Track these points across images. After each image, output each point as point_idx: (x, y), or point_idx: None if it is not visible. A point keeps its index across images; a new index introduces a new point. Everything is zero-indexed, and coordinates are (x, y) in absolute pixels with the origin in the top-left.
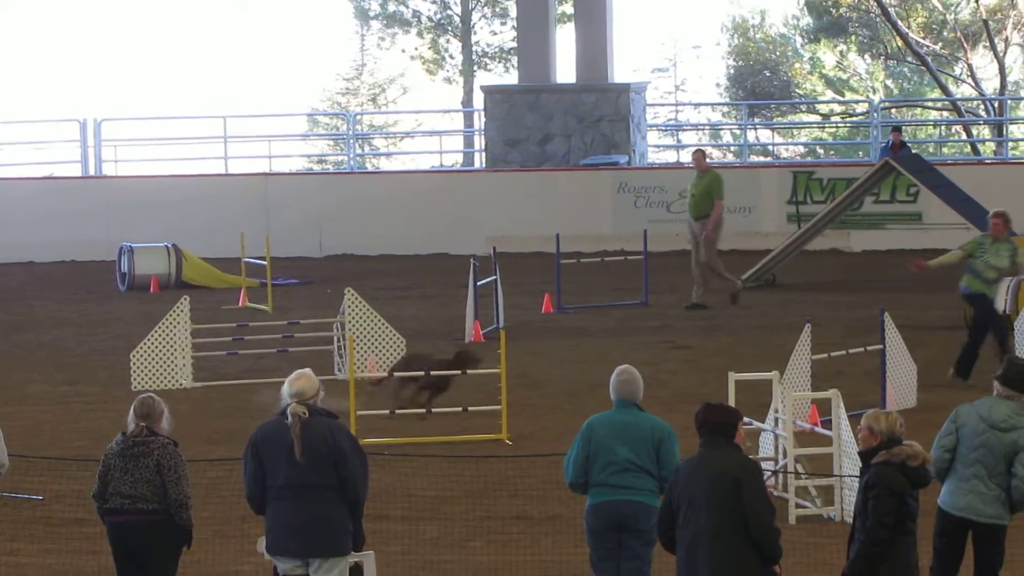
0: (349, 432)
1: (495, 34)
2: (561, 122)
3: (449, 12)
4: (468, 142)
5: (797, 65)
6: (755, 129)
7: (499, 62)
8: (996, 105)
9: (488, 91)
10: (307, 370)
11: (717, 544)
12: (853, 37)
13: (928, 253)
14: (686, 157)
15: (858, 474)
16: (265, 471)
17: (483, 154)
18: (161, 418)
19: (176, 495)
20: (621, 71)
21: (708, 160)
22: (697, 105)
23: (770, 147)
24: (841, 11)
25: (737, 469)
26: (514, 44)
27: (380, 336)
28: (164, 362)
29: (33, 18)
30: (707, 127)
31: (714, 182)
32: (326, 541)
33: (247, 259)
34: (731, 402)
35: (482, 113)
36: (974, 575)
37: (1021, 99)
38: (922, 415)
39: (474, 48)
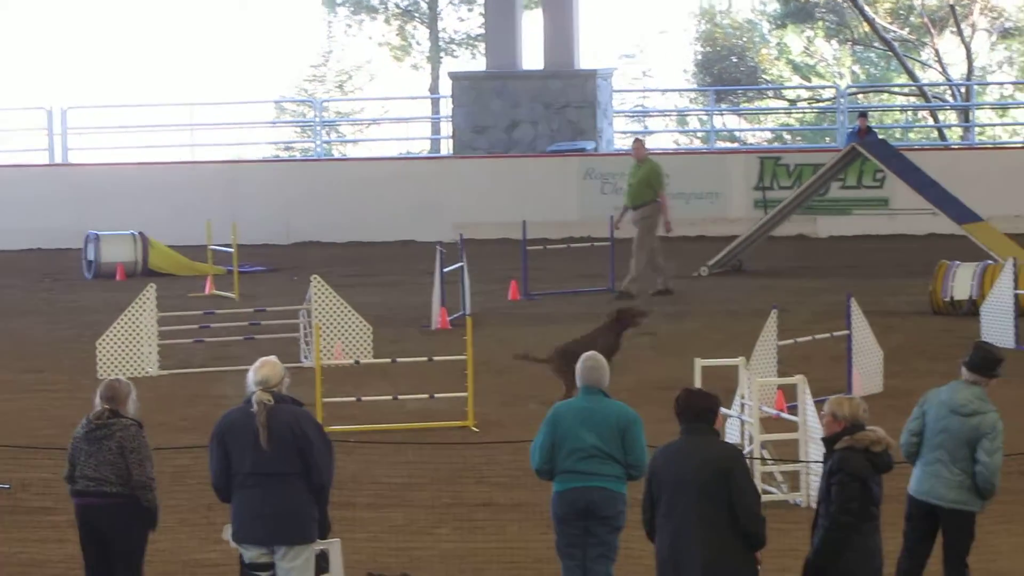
0: (314, 419)
1: (462, 20)
2: (528, 108)
3: None
4: (435, 129)
5: (764, 51)
6: (722, 115)
7: (466, 48)
8: (963, 90)
9: (455, 77)
10: (272, 357)
11: (706, 532)
12: (820, 23)
13: (894, 239)
14: (653, 143)
15: (822, 460)
16: (231, 459)
17: (450, 141)
18: (127, 400)
19: (139, 476)
20: (588, 57)
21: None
22: (664, 91)
23: (737, 133)
24: None
25: (725, 457)
26: (481, 30)
27: (346, 323)
28: (130, 350)
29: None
30: (674, 113)
31: (653, 172)
32: (292, 528)
33: (213, 246)
34: None
35: (449, 100)
36: (943, 561)
37: (988, 84)
38: (888, 400)
39: (441, 35)
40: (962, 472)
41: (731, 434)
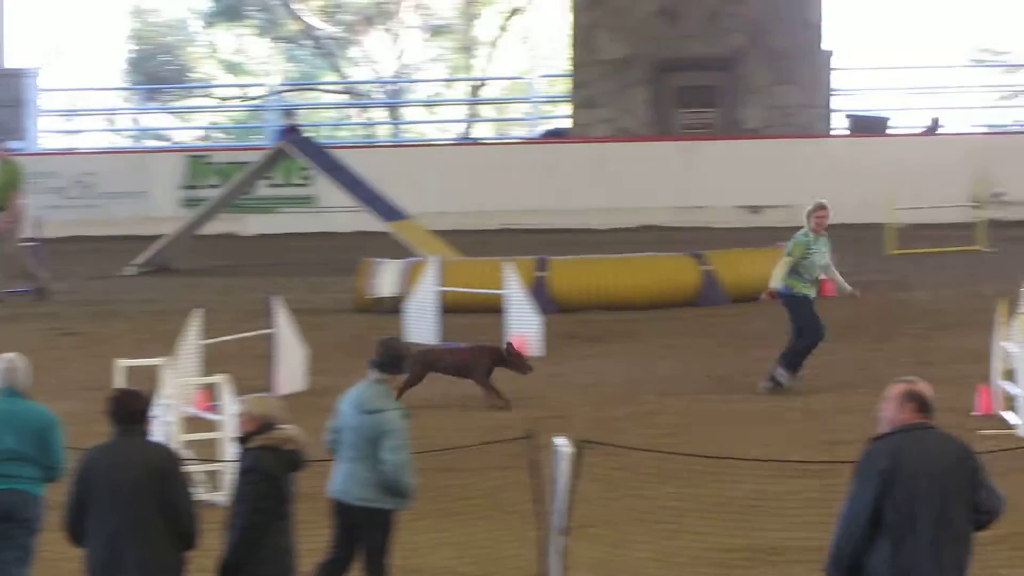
0: None
1: None
2: None
3: None
4: None
5: (195, 49)
6: (152, 114)
7: None
8: (392, 88)
9: None
10: None
11: (142, 534)
12: (251, 20)
13: (321, 237)
14: (81, 143)
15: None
16: None
17: None
18: None
19: None
20: (17, 55)
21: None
22: (95, 90)
23: (166, 132)
24: None
25: (160, 458)
26: None
27: None
28: None
29: None
30: (104, 112)
31: (15, 172)
32: None
33: None
34: None
35: None
36: (363, 559)
37: (416, 82)
38: (312, 398)
39: None
40: (371, 470)
41: (155, 435)
